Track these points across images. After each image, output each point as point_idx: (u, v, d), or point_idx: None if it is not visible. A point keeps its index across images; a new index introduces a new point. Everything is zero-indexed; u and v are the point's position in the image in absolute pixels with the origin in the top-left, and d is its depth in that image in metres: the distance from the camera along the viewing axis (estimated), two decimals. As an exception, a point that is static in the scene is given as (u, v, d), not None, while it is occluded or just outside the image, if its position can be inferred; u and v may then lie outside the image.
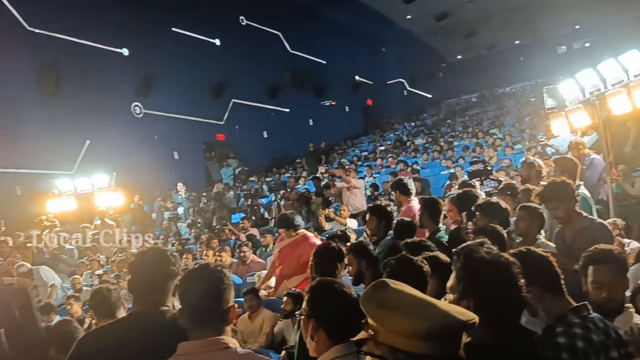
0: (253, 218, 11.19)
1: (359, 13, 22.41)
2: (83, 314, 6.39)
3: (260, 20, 20.17)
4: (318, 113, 22.49)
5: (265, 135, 20.50)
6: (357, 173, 12.54)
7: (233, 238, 10.41)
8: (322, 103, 22.22)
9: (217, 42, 18.71)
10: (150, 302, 2.37)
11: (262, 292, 6.28)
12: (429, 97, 29.81)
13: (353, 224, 9.06)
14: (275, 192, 11.32)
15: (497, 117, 21.29)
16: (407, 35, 26.49)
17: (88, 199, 11.13)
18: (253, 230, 10.45)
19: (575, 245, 3.70)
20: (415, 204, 5.96)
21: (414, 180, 11.61)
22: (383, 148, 19.27)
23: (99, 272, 8.54)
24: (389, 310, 1.38)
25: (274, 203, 11.23)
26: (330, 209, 9.44)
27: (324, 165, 16.64)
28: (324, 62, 22.67)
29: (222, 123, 19.01)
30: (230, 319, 2.12)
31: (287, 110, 21.06)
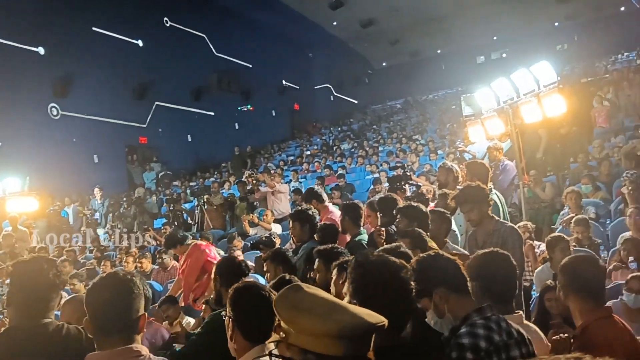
0: (175, 224, 10.95)
1: (286, 17, 22.40)
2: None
3: (185, 22, 19.76)
4: (244, 117, 22.28)
5: (190, 139, 20.09)
6: (282, 177, 12.52)
7: (154, 244, 10.14)
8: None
9: (139, 43, 18.18)
10: (31, 314, 2.26)
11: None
12: (355, 102, 30.20)
13: (278, 229, 9.03)
14: (199, 197, 11.09)
15: (420, 123, 21.86)
16: (333, 41, 26.73)
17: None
18: (174, 237, 10.20)
19: (486, 247, 3.82)
20: (334, 209, 6.03)
21: (339, 185, 11.85)
22: (309, 153, 19.35)
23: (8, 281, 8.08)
24: (301, 312, 1.40)
25: (197, 208, 11.04)
26: (255, 214, 9.38)
27: (250, 170, 16.51)
28: (250, 65, 22.50)
29: (144, 126, 18.48)
30: (140, 328, 2.06)
31: (212, 114, 20.73)
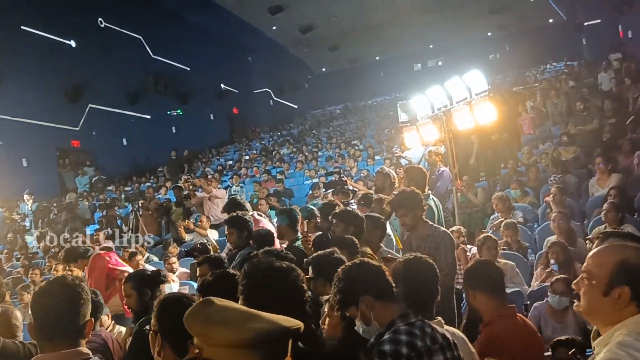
0: (109, 230, 10.62)
1: (225, 21, 22.19)
2: None
3: (121, 23, 19.22)
4: (181, 120, 21.88)
5: (125, 143, 19.58)
6: (219, 182, 12.38)
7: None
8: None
9: (72, 43, 17.57)
10: None
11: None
12: (295, 107, 30.28)
13: (214, 235, 8.92)
14: (133, 202, 10.82)
15: (359, 128, 22.09)
16: (273, 46, 26.71)
17: None
18: (108, 243, 9.92)
19: (420, 252, 3.91)
20: (260, 218, 6.01)
21: (278, 190, 11.83)
22: (248, 157, 19.24)
23: None
24: (213, 324, 1.37)
25: (132, 214, 10.75)
26: (191, 220, 9.23)
27: (187, 174, 16.26)
28: (188, 68, 22.16)
29: (77, 129, 17.84)
30: (86, 333, 2.06)
31: (148, 117, 20.28)
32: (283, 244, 5.13)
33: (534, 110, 13.33)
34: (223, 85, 25.02)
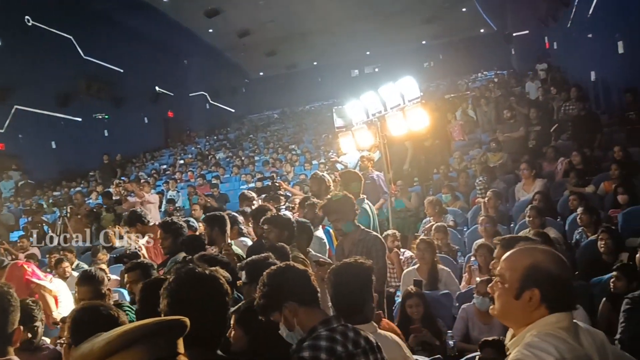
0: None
1: (160, 23, 21.69)
2: None
3: (50, 22, 18.42)
4: (114, 124, 21.21)
5: (54, 146, 18.83)
6: (152, 187, 12.11)
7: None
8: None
9: (-3, 42, 16.76)
10: None
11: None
12: (232, 111, 30.00)
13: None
14: (61, 207, 10.41)
15: (296, 133, 22.17)
16: (209, 49, 26.36)
17: None
18: (34, 250, 9.51)
19: (352, 256, 3.96)
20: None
21: (213, 195, 11.67)
22: (183, 162, 18.92)
23: None
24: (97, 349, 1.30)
25: (60, 219, 10.33)
26: (122, 226, 8.94)
27: (122, 179, 15.81)
28: (122, 70, 21.53)
29: (2, 131, 17.02)
30: (15, 341, 1.98)
31: (79, 120, 19.57)
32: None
33: (464, 118, 13.76)
34: (158, 88, 24.44)
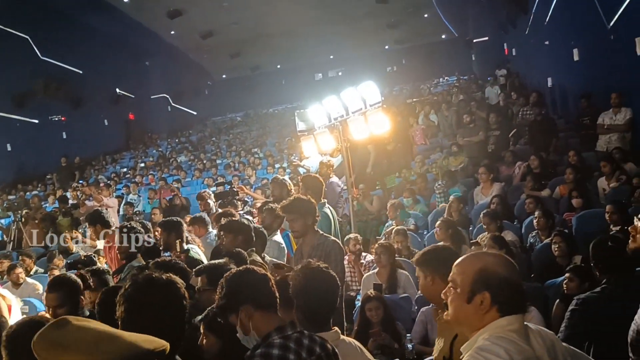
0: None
1: (121, 23, 21.30)
2: None
3: (6, 22, 17.87)
4: (73, 126, 20.68)
5: (9, 148, 18.24)
6: (111, 191, 11.88)
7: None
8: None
9: (-52, 40, 16.21)
10: None
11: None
12: (195, 114, 29.69)
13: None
14: (16, 212, 10.10)
15: (260, 136, 22.02)
16: (172, 50, 26.06)
17: None
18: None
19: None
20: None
21: (175, 198, 11.51)
22: (144, 165, 18.61)
23: None
24: (64, 350, 1.26)
25: (14, 224, 10.03)
26: (79, 230, 8.77)
27: (80, 182, 15.47)
28: (81, 71, 21.04)
29: (-47, 132, 16.53)
30: None
31: (36, 122, 19.05)
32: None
33: (425, 122, 13.94)
34: (118, 90, 23.98)
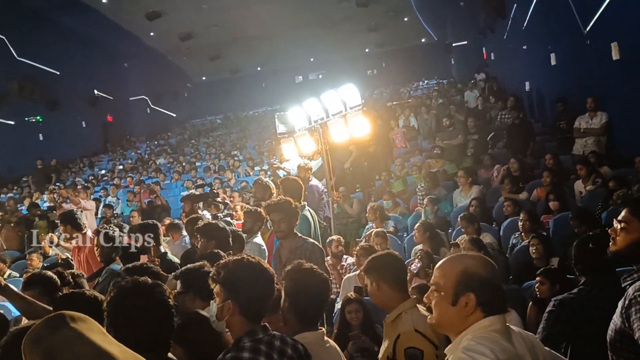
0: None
1: (99, 24, 21.00)
2: None
3: (-21, 21, 17.65)
4: (50, 127, 20.36)
5: (-17, 151, 17.95)
6: (89, 193, 11.72)
7: None
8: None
9: None
10: None
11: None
12: (174, 116, 29.49)
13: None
14: (-10, 215, 9.95)
15: (239, 139, 21.94)
16: (151, 52, 25.83)
17: None
18: (-40, 260, 9.00)
19: (289, 264, 3.93)
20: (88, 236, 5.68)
21: (152, 201, 11.40)
22: (122, 167, 18.42)
23: None
24: None
25: (-12, 228, 9.86)
26: (55, 233, 8.63)
27: (57, 185, 15.26)
28: (58, 72, 20.74)
29: None
30: None
31: (11, 123, 18.73)
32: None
33: (405, 125, 14.00)
34: (96, 92, 23.70)
